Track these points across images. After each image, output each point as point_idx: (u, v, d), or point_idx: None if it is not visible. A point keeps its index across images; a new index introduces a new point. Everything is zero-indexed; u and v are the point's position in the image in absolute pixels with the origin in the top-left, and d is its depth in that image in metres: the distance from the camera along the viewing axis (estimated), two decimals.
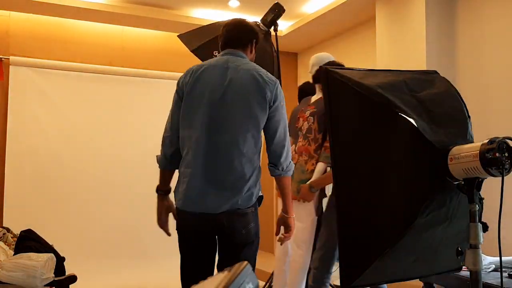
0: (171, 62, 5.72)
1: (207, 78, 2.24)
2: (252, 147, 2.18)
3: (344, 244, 1.58)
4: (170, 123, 2.30)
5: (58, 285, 3.15)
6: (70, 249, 3.73)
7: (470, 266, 1.40)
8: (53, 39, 5.25)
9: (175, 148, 2.29)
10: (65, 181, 5.05)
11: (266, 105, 2.19)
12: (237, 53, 2.33)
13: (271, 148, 2.25)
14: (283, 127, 2.26)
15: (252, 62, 2.33)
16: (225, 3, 5.09)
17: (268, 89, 2.20)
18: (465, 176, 1.38)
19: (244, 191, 2.17)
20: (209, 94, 2.20)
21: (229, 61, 2.27)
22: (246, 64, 2.28)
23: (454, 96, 1.62)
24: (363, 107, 1.57)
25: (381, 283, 2.57)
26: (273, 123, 2.22)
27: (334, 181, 1.64)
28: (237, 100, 2.18)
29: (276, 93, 2.23)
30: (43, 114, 5.05)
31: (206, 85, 2.22)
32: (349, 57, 5.65)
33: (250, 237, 2.22)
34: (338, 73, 1.62)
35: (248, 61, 2.33)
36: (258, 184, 2.25)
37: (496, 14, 3.85)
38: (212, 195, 2.15)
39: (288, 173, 2.30)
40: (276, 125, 2.23)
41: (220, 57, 2.34)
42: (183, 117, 2.24)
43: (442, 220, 1.46)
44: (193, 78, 2.26)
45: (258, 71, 2.24)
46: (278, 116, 2.24)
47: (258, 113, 2.17)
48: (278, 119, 2.24)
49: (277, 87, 2.25)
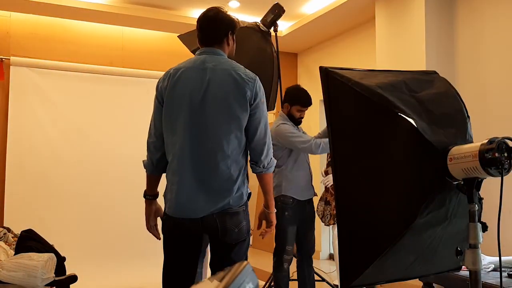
0: (171, 63, 5.67)
1: (185, 81, 2.21)
2: (236, 148, 2.17)
3: (344, 244, 1.59)
4: (154, 129, 2.28)
5: (59, 285, 3.16)
6: (70, 249, 3.74)
7: (469, 266, 1.40)
8: (53, 40, 5.26)
9: (161, 153, 2.27)
10: (66, 181, 5.05)
11: (247, 104, 2.16)
12: (214, 51, 2.28)
13: (252, 146, 2.23)
14: (263, 124, 2.23)
15: (230, 60, 2.28)
16: (225, 3, 5.09)
17: (248, 88, 2.16)
18: (465, 176, 1.38)
19: (233, 192, 2.17)
20: (189, 98, 2.17)
21: (206, 61, 2.23)
22: (224, 63, 2.23)
23: (454, 96, 1.63)
24: (363, 107, 1.58)
25: (381, 283, 2.58)
26: (253, 121, 2.20)
27: (334, 181, 1.64)
28: (217, 102, 2.15)
29: (256, 91, 2.19)
30: (43, 114, 5.05)
31: (185, 89, 2.19)
32: (349, 57, 5.66)
33: (242, 235, 2.22)
34: (337, 73, 1.62)
35: (226, 59, 2.27)
36: (245, 182, 2.26)
37: (495, 14, 3.86)
38: (202, 201, 2.15)
39: (269, 170, 2.29)
40: (256, 123, 2.21)
41: (197, 57, 2.31)
42: (165, 122, 2.22)
43: (441, 220, 1.46)
44: (171, 82, 2.23)
45: (236, 70, 2.20)
46: (258, 114, 2.21)
47: (239, 114, 2.15)
48: (259, 117, 2.21)
49: (256, 84, 2.20)
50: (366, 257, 1.50)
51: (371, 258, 1.48)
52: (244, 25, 3.91)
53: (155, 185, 2.38)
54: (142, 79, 5.52)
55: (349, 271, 1.55)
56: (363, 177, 1.58)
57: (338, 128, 1.65)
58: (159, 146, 2.26)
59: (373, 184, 1.55)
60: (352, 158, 1.63)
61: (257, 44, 3.85)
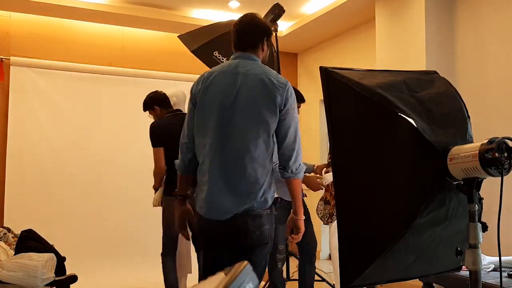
0: (171, 63, 5.72)
1: (218, 85, 2.25)
2: (263, 152, 2.19)
3: (344, 243, 1.59)
4: (187, 130, 2.33)
5: (59, 285, 3.16)
6: (70, 249, 3.74)
7: (469, 266, 1.40)
8: (53, 40, 5.26)
9: (192, 154, 2.31)
10: (66, 181, 5.05)
11: (276, 110, 2.19)
12: (248, 56, 2.31)
13: (281, 151, 2.26)
14: (293, 130, 2.25)
15: (263, 65, 2.32)
16: (225, 3, 5.09)
17: (278, 93, 2.19)
18: (465, 176, 1.38)
19: (259, 196, 2.19)
20: (220, 101, 2.21)
21: (239, 66, 2.27)
22: (257, 68, 2.27)
23: (454, 96, 1.63)
24: (363, 107, 1.58)
25: (381, 283, 2.58)
26: (283, 126, 2.22)
27: (334, 181, 1.64)
28: (247, 106, 2.18)
29: (287, 96, 2.22)
30: (43, 114, 5.06)
31: (217, 92, 2.23)
32: (349, 57, 5.66)
33: (264, 238, 2.23)
34: (338, 73, 1.62)
35: (259, 64, 2.32)
36: (272, 186, 2.28)
37: (495, 14, 3.86)
38: (229, 202, 2.18)
39: (297, 176, 2.31)
40: (285, 128, 2.23)
41: (232, 61, 2.34)
42: (197, 124, 2.26)
43: (441, 220, 1.46)
44: (204, 86, 2.27)
45: (268, 75, 2.23)
46: (288, 119, 2.22)
47: (268, 119, 2.18)
48: (288, 122, 2.23)
49: (287, 90, 2.23)
50: (366, 257, 1.50)
51: (371, 258, 1.48)
52: None
53: (186, 186, 2.41)
54: (142, 79, 5.53)
55: (349, 271, 1.55)
56: (363, 177, 1.59)
57: (338, 128, 1.65)
58: (191, 147, 2.31)
59: (373, 184, 1.55)
60: (352, 158, 1.63)
61: None
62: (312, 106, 6.40)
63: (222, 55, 3.73)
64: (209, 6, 5.20)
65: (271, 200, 2.26)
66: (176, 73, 5.67)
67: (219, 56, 3.73)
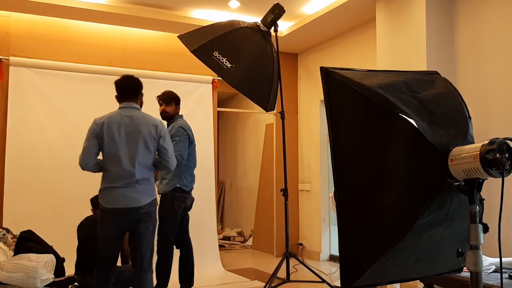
0: (172, 63, 5.72)
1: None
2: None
3: (345, 244, 1.58)
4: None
5: (58, 286, 3.15)
6: (70, 250, 3.73)
7: (470, 267, 1.40)
8: (53, 40, 5.26)
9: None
10: (65, 181, 5.04)
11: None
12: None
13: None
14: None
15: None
16: (225, 4, 5.09)
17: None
18: (466, 177, 1.38)
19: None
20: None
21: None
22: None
23: (455, 96, 1.62)
24: (363, 108, 1.57)
25: (382, 284, 2.58)
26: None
27: (334, 181, 1.64)
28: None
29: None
30: (43, 115, 5.05)
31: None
32: (349, 57, 5.66)
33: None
34: (338, 73, 1.62)
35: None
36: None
37: (495, 14, 3.85)
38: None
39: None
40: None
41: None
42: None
43: (442, 221, 1.46)
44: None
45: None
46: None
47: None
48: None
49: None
50: (367, 257, 1.50)
51: (372, 258, 1.47)
52: (244, 25, 3.91)
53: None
54: (142, 79, 5.49)
55: (350, 272, 1.55)
56: (363, 178, 1.58)
57: (338, 128, 1.64)
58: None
59: (373, 185, 1.55)
60: (352, 159, 1.62)
61: (257, 44, 3.85)
62: (312, 106, 6.40)
63: (222, 55, 3.73)
64: (209, 6, 5.20)
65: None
66: (176, 73, 5.67)
67: (219, 56, 3.72)
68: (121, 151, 3.15)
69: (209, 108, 5.86)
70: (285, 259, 3.87)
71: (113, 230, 3.16)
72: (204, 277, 4.97)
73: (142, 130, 3.21)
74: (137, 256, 3.22)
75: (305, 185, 6.45)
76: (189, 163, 4.03)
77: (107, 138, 3.18)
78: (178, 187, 3.98)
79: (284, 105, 4.17)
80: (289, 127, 6.35)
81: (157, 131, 3.25)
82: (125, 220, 3.14)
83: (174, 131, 3.97)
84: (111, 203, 3.14)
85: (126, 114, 3.27)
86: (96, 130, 3.23)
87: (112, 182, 3.14)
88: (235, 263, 5.98)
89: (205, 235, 5.50)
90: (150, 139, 3.22)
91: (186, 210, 4.15)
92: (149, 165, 3.25)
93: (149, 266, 3.24)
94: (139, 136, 3.19)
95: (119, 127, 3.20)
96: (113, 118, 3.25)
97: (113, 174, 3.15)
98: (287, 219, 3.98)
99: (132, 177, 3.13)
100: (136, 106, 3.36)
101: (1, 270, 2.93)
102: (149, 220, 3.20)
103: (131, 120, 3.23)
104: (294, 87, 6.70)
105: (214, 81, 5.86)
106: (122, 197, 3.11)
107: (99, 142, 3.20)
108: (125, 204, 3.11)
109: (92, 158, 3.20)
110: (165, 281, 3.99)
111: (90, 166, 3.19)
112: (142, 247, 3.19)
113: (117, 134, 3.18)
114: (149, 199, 3.19)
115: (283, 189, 3.98)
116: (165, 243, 3.98)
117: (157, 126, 3.28)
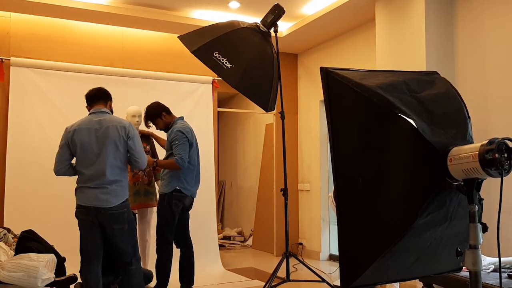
0: (172, 63, 5.72)
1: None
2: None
3: (344, 244, 1.59)
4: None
5: (59, 285, 3.16)
6: (70, 249, 3.73)
7: (469, 267, 1.40)
8: (53, 40, 5.26)
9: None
10: (66, 182, 5.03)
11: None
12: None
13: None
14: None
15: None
16: (225, 4, 5.09)
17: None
18: (465, 177, 1.38)
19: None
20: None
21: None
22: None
23: (455, 96, 1.63)
24: (363, 108, 1.58)
25: (381, 284, 2.59)
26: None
27: (334, 181, 1.64)
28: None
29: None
30: (43, 115, 5.05)
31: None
32: (349, 57, 5.66)
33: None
34: (338, 74, 1.63)
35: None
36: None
37: (495, 14, 3.86)
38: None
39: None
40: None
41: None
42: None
43: (441, 221, 1.46)
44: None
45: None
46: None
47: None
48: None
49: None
50: (366, 257, 1.50)
51: (372, 258, 1.48)
52: (244, 25, 3.92)
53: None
54: (142, 80, 5.53)
55: (349, 271, 1.55)
56: (363, 178, 1.58)
57: (338, 128, 1.65)
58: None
59: (373, 185, 1.55)
60: (352, 159, 1.63)
61: (257, 44, 3.85)
62: (312, 107, 6.40)
63: (222, 55, 3.73)
64: (210, 7, 5.21)
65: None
66: (176, 73, 5.68)
67: (219, 56, 3.73)
68: (93, 154, 3.31)
69: (209, 108, 5.87)
70: (285, 258, 3.87)
71: (86, 224, 3.36)
72: (204, 277, 4.98)
73: (111, 132, 3.34)
74: (117, 252, 3.39)
75: (305, 185, 6.45)
76: (189, 165, 4.03)
77: (78, 143, 3.34)
78: (178, 189, 4.00)
79: (284, 105, 4.17)
80: (289, 127, 6.35)
81: (125, 132, 3.38)
82: (94, 217, 3.32)
83: (173, 135, 4.00)
84: (83, 201, 3.34)
85: (95, 119, 3.40)
86: (67, 137, 3.41)
87: (86, 183, 3.33)
88: (235, 262, 5.99)
89: (205, 234, 5.50)
90: (119, 141, 3.34)
91: (186, 210, 4.16)
92: (121, 166, 3.38)
93: (132, 260, 3.41)
94: (109, 138, 3.33)
95: (89, 131, 3.35)
96: (83, 124, 3.40)
97: (86, 176, 3.32)
98: (287, 219, 3.99)
99: (104, 178, 3.28)
100: (105, 110, 3.48)
101: (2, 270, 2.93)
102: (121, 221, 3.34)
103: (100, 124, 3.37)
104: (294, 87, 6.71)
105: (214, 82, 5.87)
106: (94, 197, 3.29)
107: (72, 148, 3.37)
108: (94, 203, 3.28)
109: (63, 164, 3.40)
110: (165, 280, 4.00)
111: (62, 171, 3.41)
112: (118, 245, 3.36)
113: (87, 138, 3.34)
114: (119, 201, 3.33)
115: (283, 189, 3.98)
116: (164, 242, 4.00)
117: (126, 127, 3.40)
